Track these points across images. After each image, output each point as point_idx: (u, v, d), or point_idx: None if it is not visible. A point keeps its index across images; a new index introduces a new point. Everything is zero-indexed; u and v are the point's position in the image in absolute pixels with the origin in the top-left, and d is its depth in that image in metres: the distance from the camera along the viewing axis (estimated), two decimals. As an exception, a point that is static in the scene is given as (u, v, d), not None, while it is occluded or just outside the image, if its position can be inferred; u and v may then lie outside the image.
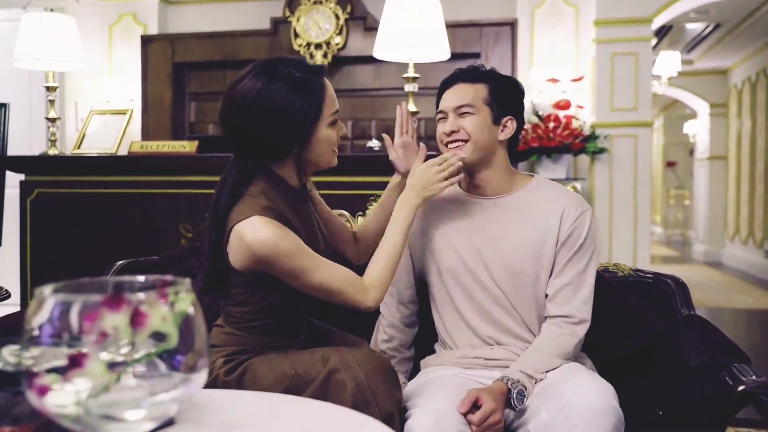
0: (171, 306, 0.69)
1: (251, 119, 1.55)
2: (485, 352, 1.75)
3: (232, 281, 1.60)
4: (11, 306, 3.66)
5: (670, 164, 15.29)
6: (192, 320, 0.71)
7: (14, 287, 3.86)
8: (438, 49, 3.38)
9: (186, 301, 0.70)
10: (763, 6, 6.94)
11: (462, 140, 1.77)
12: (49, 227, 3.72)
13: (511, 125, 1.81)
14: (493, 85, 1.81)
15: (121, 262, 2.17)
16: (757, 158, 9.02)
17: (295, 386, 1.51)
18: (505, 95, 1.82)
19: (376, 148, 3.63)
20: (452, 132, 1.78)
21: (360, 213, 2.18)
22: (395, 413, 1.51)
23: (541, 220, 1.75)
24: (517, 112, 1.83)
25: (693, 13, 6.78)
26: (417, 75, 3.42)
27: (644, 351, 1.81)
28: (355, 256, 1.90)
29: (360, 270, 1.66)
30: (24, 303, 3.76)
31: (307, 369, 1.54)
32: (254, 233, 1.49)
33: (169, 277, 0.74)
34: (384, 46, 3.43)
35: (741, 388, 1.36)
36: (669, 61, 7.17)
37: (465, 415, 1.51)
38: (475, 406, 1.52)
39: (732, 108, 10.08)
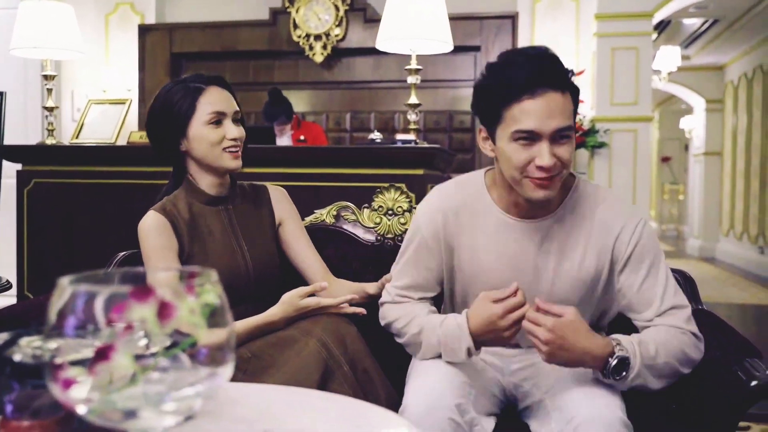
0: (198, 298, 0.67)
1: (149, 122, 1.77)
2: None
3: None
4: (10, 297, 3.63)
5: (665, 159, 15.32)
6: (218, 312, 0.68)
7: (11, 277, 3.83)
8: (441, 41, 3.35)
9: (213, 292, 0.68)
10: (762, 2, 6.94)
11: (558, 174, 1.44)
12: (46, 217, 3.69)
13: (575, 140, 1.50)
14: (574, 93, 1.48)
15: (123, 253, 2.15)
16: (752, 154, 9.03)
17: (255, 369, 1.54)
18: (577, 104, 1.50)
19: (378, 140, 3.60)
20: (552, 166, 1.41)
21: (366, 205, 2.16)
22: (370, 370, 1.56)
23: (593, 247, 1.53)
24: None
25: (692, 8, 6.77)
26: (420, 67, 3.39)
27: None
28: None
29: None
30: (21, 294, 3.73)
31: (262, 347, 1.58)
32: (141, 222, 1.71)
33: (195, 268, 0.72)
34: (387, 38, 3.40)
35: (754, 383, 1.35)
36: (669, 56, 7.19)
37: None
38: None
39: (728, 104, 10.09)
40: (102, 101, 4.04)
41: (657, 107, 14.63)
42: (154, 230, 1.68)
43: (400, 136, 3.52)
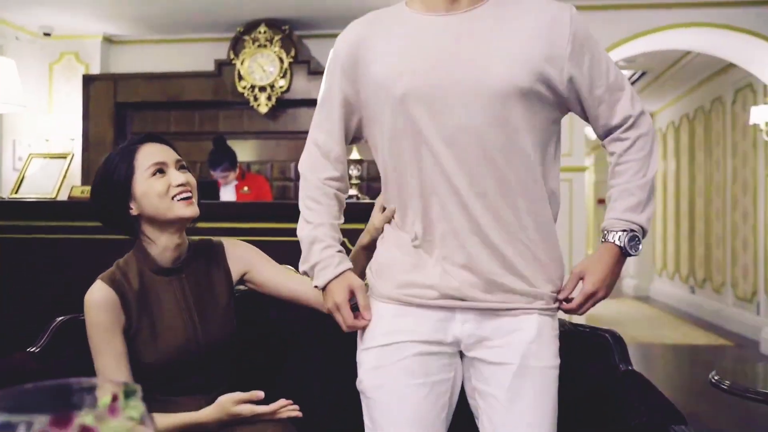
0: (121, 416, 0.66)
1: (93, 196, 1.70)
2: (437, 278, 1.41)
3: None
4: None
5: (601, 201, 15.68)
6: (142, 422, 0.67)
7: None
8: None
9: (137, 409, 0.67)
10: (684, 57, 7.24)
11: None
12: (-16, 273, 3.57)
13: None
14: None
15: (60, 318, 2.08)
16: (681, 198, 9.33)
17: None
18: None
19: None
20: None
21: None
22: None
23: (534, 28, 1.38)
24: None
25: (622, 61, 7.01)
26: (361, 123, 3.42)
27: (585, 405, 1.81)
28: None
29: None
30: (-44, 351, 3.59)
31: None
32: (88, 292, 1.63)
33: (118, 381, 0.70)
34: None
35: (680, 451, 1.38)
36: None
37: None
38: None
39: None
40: (43, 155, 3.96)
41: (592, 151, 15.03)
42: (100, 306, 1.60)
43: (342, 191, 3.53)
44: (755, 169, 6.76)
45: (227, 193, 4.51)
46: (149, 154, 1.64)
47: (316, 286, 1.50)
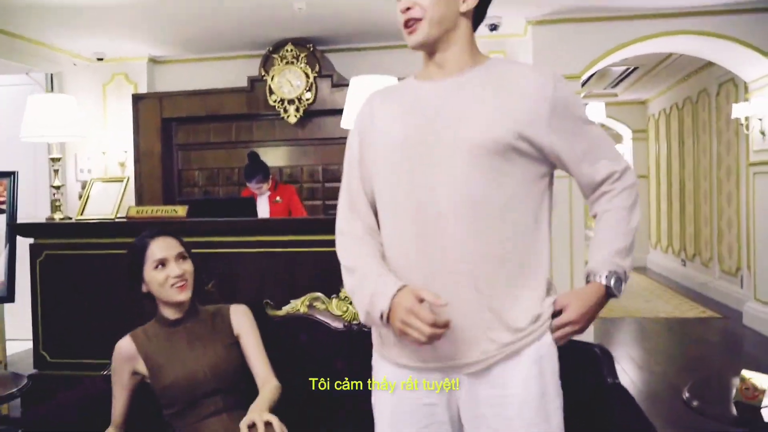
0: None
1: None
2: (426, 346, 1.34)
3: None
4: (26, 343, 3.63)
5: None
6: None
7: (28, 335, 3.85)
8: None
9: None
10: (671, 56, 7.19)
11: (416, 18, 1.40)
12: (57, 285, 3.72)
13: None
14: None
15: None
16: (672, 178, 9.29)
17: None
18: None
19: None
20: (407, 9, 1.40)
21: (334, 295, 2.25)
22: None
23: (516, 92, 1.38)
24: None
25: (615, 60, 6.98)
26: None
27: (574, 417, 1.89)
28: None
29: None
30: (37, 353, 3.75)
31: None
32: (119, 342, 1.98)
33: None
34: (350, 119, 3.53)
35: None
36: (595, 111, 7.53)
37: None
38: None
39: (651, 134, 10.37)
40: (103, 179, 4.09)
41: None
42: (119, 353, 1.97)
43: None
44: (737, 156, 6.73)
45: (262, 202, 4.62)
46: (156, 250, 1.94)
47: (381, 316, 1.35)
